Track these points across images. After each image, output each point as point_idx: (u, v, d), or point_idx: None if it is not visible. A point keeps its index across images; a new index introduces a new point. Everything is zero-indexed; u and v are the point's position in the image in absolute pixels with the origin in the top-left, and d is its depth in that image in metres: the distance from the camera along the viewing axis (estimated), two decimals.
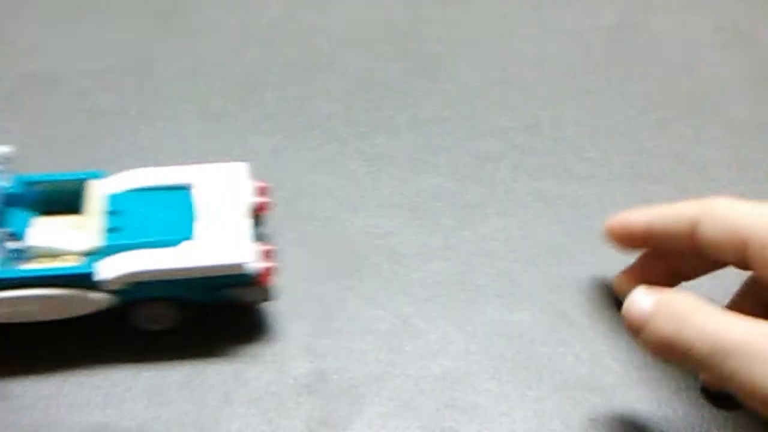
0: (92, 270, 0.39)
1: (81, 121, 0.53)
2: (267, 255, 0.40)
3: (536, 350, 0.42)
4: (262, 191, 0.43)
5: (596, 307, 0.44)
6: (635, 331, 0.36)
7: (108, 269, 0.39)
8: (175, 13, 0.63)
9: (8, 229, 0.39)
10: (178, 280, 0.39)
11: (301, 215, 0.48)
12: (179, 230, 0.40)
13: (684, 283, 0.42)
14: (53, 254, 0.40)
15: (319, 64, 0.59)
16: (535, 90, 0.57)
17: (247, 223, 0.41)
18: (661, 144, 0.53)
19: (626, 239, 0.42)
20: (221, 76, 0.57)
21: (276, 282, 0.41)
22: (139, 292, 0.39)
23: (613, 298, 0.44)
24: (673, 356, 0.35)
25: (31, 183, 0.42)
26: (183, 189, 0.43)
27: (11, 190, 0.41)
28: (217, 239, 0.40)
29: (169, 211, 0.41)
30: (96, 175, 0.43)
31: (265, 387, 0.40)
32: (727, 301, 0.41)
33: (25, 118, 0.54)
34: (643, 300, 0.36)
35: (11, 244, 0.39)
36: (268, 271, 0.40)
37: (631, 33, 0.63)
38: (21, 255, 0.40)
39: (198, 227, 0.41)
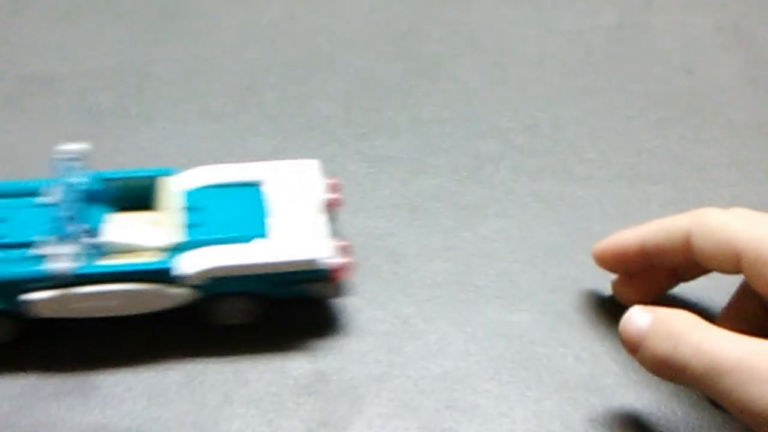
0: (173, 265, 0.39)
1: (81, 121, 0.53)
2: (342, 251, 0.41)
3: (536, 351, 0.42)
4: (333, 187, 0.44)
5: (596, 308, 0.44)
6: (632, 350, 0.36)
7: (188, 265, 0.39)
8: (175, 14, 0.63)
9: (86, 225, 0.39)
10: (255, 276, 0.40)
11: None
12: (255, 226, 0.41)
13: (684, 284, 0.42)
14: (130, 250, 0.41)
15: (319, 64, 0.59)
16: (534, 90, 0.57)
17: (321, 219, 0.42)
18: (661, 144, 0.53)
19: (620, 262, 0.42)
20: (221, 76, 0.57)
21: (349, 278, 0.41)
22: (217, 287, 0.40)
23: (612, 298, 0.44)
24: (669, 374, 0.35)
25: (105, 179, 0.42)
26: (254, 186, 0.43)
27: (87, 187, 0.41)
28: (293, 235, 0.41)
29: (243, 208, 0.42)
30: (168, 172, 0.43)
31: (265, 387, 0.40)
32: (726, 300, 0.41)
33: (24, 118, 0.54)
34: (639, 318, 0.36)
35: (89, 240, 0.39)
36: (342, 267, 0.41)
37: (631, 33, 0.63)
38: (99, 251, 0.40)
39: (273, 223, 0.41)
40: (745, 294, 0.40)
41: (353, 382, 0.40)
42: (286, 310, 0.43)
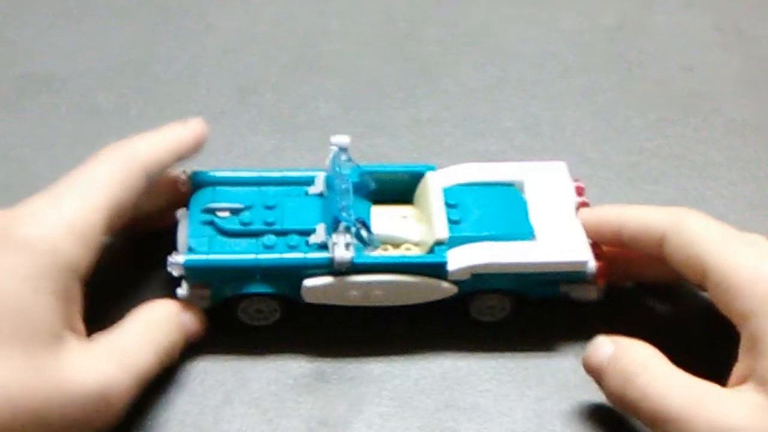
0: (446, 260, 0.39)
1: (81, 121, 0.53)
2: (599, 254, 0.41)
3: (536, 350, 0.42)
4: (579, 191, 0.44)
5: (595, 307, 0.43)
6: (596, 380, 0.37)
7: (456, 260, 0.39)
8: (176, 14, 0.63)
9: (359, 217, 0.40)
10: (518, 274, 0.40)
11: None
12: (517, 226, 0.41)
13: None
14: (395, 243, 0.41)
15: (318, 64, 0.59)
16: (534, 90, 0.57)
17: (578, 222, 0.42)
18: (661, 144, 0.53)
19: (596, 236, 0.42)
20: (221, 76, 0.57)
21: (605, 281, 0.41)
22: (479, 283, 0.40)
23: (612, 297, 0.44)
24: (622, 409, 0.36)
25: (368, 173, 0.43)
26: (509, 185, 0.44)
27: (353, 180, 0.42)
28: (556, 236, 0.41)
29: (502, 207, 0.42)
30: (430, 168, 0.44)
31: (265, 387, 0.40)
32: None
33: (24, 117, 0.54)
34: (601, 350, 0.37)
35: (363, 232, 0.40)
36: (603, 271, 0.41)
37: (631, 33, 0.63)
38: (369, 241, 0.40)
39: (534, 223, 0.42)
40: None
41: (353, 382, 0.40)
42: (285, 310, 0.43)
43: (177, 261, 0.39)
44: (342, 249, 0.38)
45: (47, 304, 0.33)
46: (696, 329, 0.43)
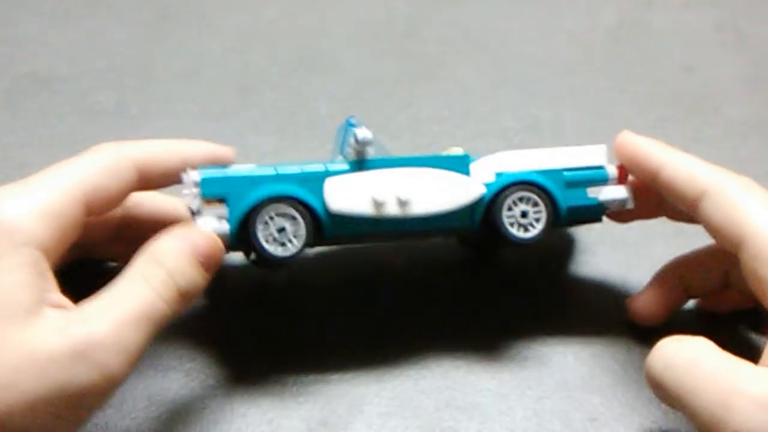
0: (468, 155, 0.39)
1: (81, 121, 0.53)
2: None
3: (536, 350, 0.42)
4: (623, 173, 0.41)
5: (595, 307, 0.44)
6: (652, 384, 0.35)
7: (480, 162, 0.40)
8: (175, 14, 0.63)
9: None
10: (542, 171, 0.40)
11: None
12: None
13: None
14: None
15: (318, 64, 0.59)
16: (535, 90, 0.57)
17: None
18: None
19: (631, 168, 0.40)
20: (221, 76, 0.57)
21: None
22: (504, 179, 0.40)
23: (612, 297, 0.44)
24: (660, 397, 0.35)
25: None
26: None
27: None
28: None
29: None
30: (467, 159, 0.41)
31: (265, 387, 0.40)
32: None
33: (24, 117, 0.54)
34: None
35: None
36: (623, 171, 0.41)
37: (631, 33, 0.63)
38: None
39: None
40: (715, 258, 0.40)
41: (353, 382, 0.40)
42: (286, 309, 0.43)
43: (194, 177, 0.37)
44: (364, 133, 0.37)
45: (13, 281, 0.33)
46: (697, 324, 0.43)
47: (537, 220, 0.40)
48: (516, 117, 0.55)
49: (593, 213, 0.41)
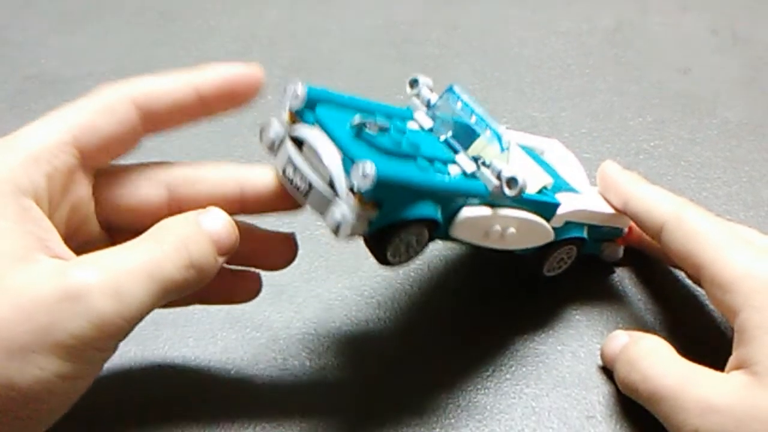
0: (558, 202, 0.40)
1: None
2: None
3: (534, 348, 0.42)
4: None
5: (594, 306, 0.44)
6: (610, 368, 0.40)
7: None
8: (178, 16, 0.63)
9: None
10: (591, 225, 0.42)
11: (302, 215, 0.48)
12: (566, 182, 0.43)
13: None
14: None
15: (319, 65, 0.59)
16: (532, 91, 0.58)
17: (593, 189, 0.44)
18: (658, 145, 0.54)
19: (607, 198, 0.43)
20: None
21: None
22: (563, 232, 0.41)
23: (611, 297, 0.44)
24: (630, 395, 0.38)
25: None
26: (535, 152, 0.45)
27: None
28: (591, 196, 0.43)
29: (545, 165, 0.44)
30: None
31: (267, 387, 0.40)
32: None
33: (29, 119, 0.53)
34: (616, 341, 0.40)
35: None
36: (630, 231, 0.44)
37: (628, 35, 0.63)
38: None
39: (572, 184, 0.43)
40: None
41: (353, 382, 0.41)
42: (287, 310, 0.43)
43: (368, 172, 0.31)
44: (493, 180, 0.36)
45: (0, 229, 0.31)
46: (693, 326, 0.43)
47: (565, 263, 0.43)
48: (514, 118, 0.55)
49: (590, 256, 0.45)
